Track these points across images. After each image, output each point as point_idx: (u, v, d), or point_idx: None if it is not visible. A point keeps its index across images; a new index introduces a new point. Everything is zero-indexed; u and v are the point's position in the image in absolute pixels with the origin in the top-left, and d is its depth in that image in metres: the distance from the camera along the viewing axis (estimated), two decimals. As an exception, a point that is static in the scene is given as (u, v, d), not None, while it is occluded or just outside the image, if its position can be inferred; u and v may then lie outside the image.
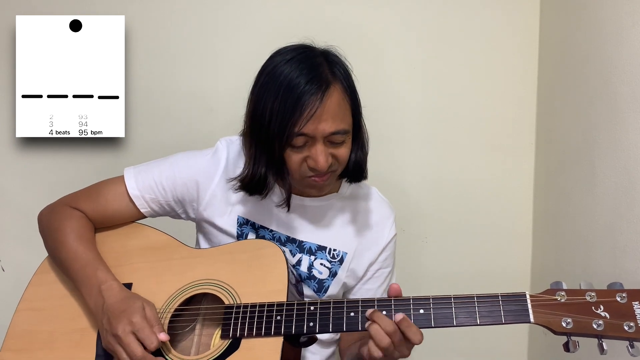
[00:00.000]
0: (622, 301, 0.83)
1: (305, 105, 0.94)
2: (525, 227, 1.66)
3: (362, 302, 0.94)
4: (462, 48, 1.62)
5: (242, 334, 0.96)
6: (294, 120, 0.94)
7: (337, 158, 1.01)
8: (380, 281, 1.17)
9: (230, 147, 1.15)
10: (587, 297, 0.85)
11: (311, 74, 0.96)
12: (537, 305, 0.86)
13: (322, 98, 0.95)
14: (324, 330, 0.94)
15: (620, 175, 1.14)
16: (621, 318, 0.82)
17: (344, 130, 0.99)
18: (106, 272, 1.05)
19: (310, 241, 1.13)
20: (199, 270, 1.06)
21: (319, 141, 0.97)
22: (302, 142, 0.98)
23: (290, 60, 0.98)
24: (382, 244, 1.15)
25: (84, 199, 1.15)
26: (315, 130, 0.96)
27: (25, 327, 1.08)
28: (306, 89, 0.94)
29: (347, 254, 1.13)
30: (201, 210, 1.14)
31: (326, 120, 0.96)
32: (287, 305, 0.96)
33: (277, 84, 0.96)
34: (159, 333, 0.95)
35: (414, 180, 1.67)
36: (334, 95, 0.97)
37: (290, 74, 0.96)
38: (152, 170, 1.14)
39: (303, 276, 1.13)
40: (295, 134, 0.95)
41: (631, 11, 1.10)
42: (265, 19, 1.62)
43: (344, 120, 0.99)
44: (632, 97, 1.09)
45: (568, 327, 0.83)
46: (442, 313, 0.89)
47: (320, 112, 0.95)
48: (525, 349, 1.70)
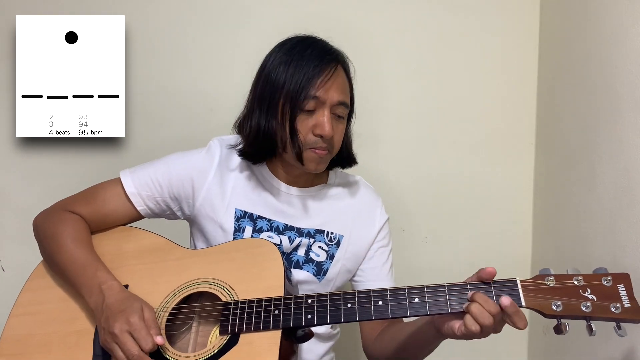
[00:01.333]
0: (607, 284, 0.87)
1: (320, 72, 1.05)
2: (525, 227, 1.66)
3: (358, 293, 0.96)
4: (462, 48, 1.62)
5: (241, 329, 0.97)
6: (310, 83, 1.04)
7: (335, 134, 1.08)
8: (383, 259, 1.21)
9: (222, 145, 1.19)
10: (574, 281, 0.88)
11: (326, 49, 1.09)
12: (527, 289, 0.89)
13: (335, 69, 1.07)
14: (322, 322, 0.96)
15: (620, 175, 1.14)
16: (607, 300, 0.85)
17: (347, 104, 1.10)
18: (106, 273, 1.05)
19: (308, 227, 1.16)
20: (195, 270, 1.07)
21: (327, 108, 1.06)
22: (313, 106, 1.06)
23: (305, 39, 1.11)
24: (377, 226, 1.21)
25: (80, 202, 1.16)
26: (326, 96, 1.06)
27: (20, 332, 1.07)
28: (321, 59, 1.06)
29: (343, 237, 1.18)
30: (197, 206, 1.15)
31: (336, 90, 1.07)
32: (284, 300, 0.98)
33: (295, 53, 1.07)
34: (155, 336, 0.96)
35: (414, 180, 1.67)
36: (342, 72, 1.10)
37: (306, 48, 1.08)
38: (148, 169, 1.16)
39: (300, 261, 1.15)
40: (310, 96, 1.04)
41: (631, 11, 1.10)
42: (265, 19, 1.62)
43: (348, 96, 1.11)
44: (632, 97, 1.09)
45: (558, 309, 0.86)
46: (437, 301, 0.92)
47: (333, 81, 1.06)
48: (525, 349, 1.70)
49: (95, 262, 1.07)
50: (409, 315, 0.94)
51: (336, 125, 1.09)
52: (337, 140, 1.11)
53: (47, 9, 1.60)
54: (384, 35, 1.62)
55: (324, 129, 1.05)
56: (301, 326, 0.96)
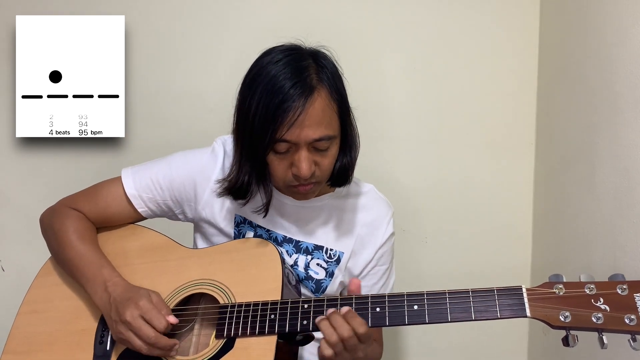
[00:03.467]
0: (622, 293, 0.81)
1: (287, 111, 0.92)
2: (525, 227, 1.66)
3: (355, 299, 0.93)
4: (462, 48, 1.61)
5: (237, 334, 0.96)
6: (276, 125, 0.92)
7: (320, 167, 0.99)
8: (375, 279, 1.16)
9: (226, 146, 1.15)
10: (586, 290, 0.83)
11: (296, 78, 0.93)
12: (533, 298, 0.84)
13: (304, 104, 0.92)
14: (317, 329, 0.93)
15: (620, 175, 1.14)
16: (622, 311, 0.79)
17: (328, 137, 0.97)
18: (111, 270, 1.05)
19: (307, 241, 1.13)
20: (195, 270, 1.06)
21: (303, 148, 0.95)
22: (285, 148, 0.96)
23: (277, 62, 0.96)
24: (378, 243, 1.14)
25: (83, 200, 1.15)
26: (299, 137, 0.94)
27: (26, 330, 1.08)
28: (289, 94, 0.92)
29: (343, 254, 1.13)
30: (199, 210, 1.14)
31: (309, 127, 0.93)
32: (281, 304, 0.96)
33: (262, 85, 0.94)
34: (167, 316, 0.96)
35: (414, 180, 1.67)
36: (318, 100, 0.94)
37: (275, 76, 0.94)
38: (150, 170, 1.14)
39: (301, 276, 1.13)
40: (277, 139, 0.94)
41: (631, 11, 1.10)
42: (265, 19, 1.61)
43: (330, 126, 0.97)
44: (632, 97, 1.09)
45: (566, 321, 0.81)
46: (437, 309, 0.88)
47: (303, 118, 0.92)
48: (525, 349, 1.70)
49: (99, 260, 1.07)
50: (407, 324, 0.90)
51: (320, 159, 0.98)
52: (325, 171, 1.01)
53: (47, 9, 1.60)
54: (383, 35, 1.62)
55: (299, 171, 0.96)
56: (296, 332, 0.95)
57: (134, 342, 0.95)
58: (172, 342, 0.96)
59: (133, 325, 0.95)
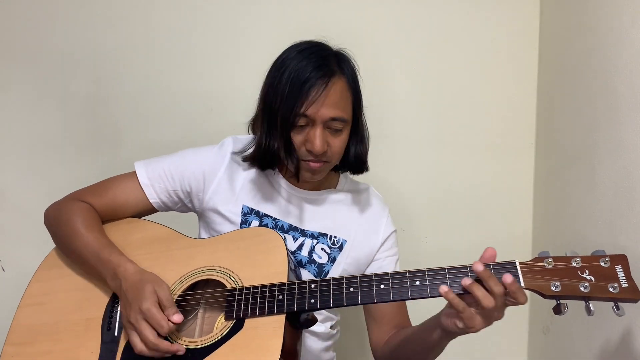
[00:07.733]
0: (605, 265, 0.88)
1: (309, 89, 1.03)
2: (525, 227, 1.67)
3: (361, 277, 0.98)
4: (462, 48, 1.62)
5: (246, 314, 0.99)
6: (299, 102, 1.03)
7: (331, 147, 1.08)
8: (391, 268, 1.22)
9: (236, 143, 1.21)
10: (572, 263, 0.90)
11: (319, 63, 1.06)
12: (526, 271, 0.91)
13: (326, 84, 1.04)
14: (325, 306, 0.98)
15: (620, 175, 1.14)
16: (605, 280, 0.87)
17: (343, 119, 1.07)
18: (119, 255, 1.07)
19: (312, 229, 1.18)
20: (201, 258, 1.09)
21: (318, 125, 1.06)
22: (304, 122, 1.06)
23: (303, 50, 1.08)
24: (381, 235, 1.21)
25: (92, 193, 1.18)
26: (316, 114, 1.04)
27: (28, 322, 1.09)
28: (312, 75, 1.04)
29: (346, 242, 1.19)
30: (207, 200, 1.18)
31: (327, 106, 1.05)
32: (288, 285, 1.00)
33: (288, 69, 1.06)
34: (172, 315, 0.98)
35: (414, 180, 1.67)
36: (338, 84, 1.06)
37: (300, 62, 1.06)
38: (162, 162, 1.19)
39: (304, 261, 1.16)
40: (298, 114, 1.04)
41: (631, 11, 1.10)
42: (265, 19, 1.62)
43: (345, 110, 1.08)
44: (632, 97, 1.09)
45: (557, 290, 0.88)
46: (438, 283, 0.93)
47: (323, 97, 1.04)
48: (525, 349, 1.70)
49: (108, 247, 1.08)
50: (410, 298, 0.95)
51: (332, 139, 1.08)
52: (335, 152, 1.10)
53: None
54: (384, 35, 1.62)
55: (313, 146, 1.06)
56: (305, 310, 0.98)
57: (136, 345, 0.98)
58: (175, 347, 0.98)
59: (137, 328, 0.97)
